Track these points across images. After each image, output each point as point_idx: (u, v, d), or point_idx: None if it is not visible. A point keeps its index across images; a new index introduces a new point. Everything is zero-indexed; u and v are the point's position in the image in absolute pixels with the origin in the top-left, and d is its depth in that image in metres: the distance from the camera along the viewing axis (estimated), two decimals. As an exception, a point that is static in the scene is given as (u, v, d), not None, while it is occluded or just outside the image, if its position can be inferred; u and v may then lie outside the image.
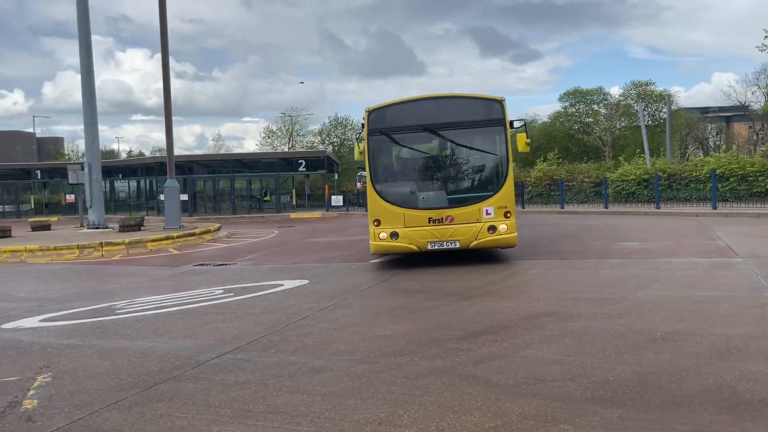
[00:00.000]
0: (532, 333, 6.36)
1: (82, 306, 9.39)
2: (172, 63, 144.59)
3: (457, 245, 10.90)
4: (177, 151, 39.58)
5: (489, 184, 11.22)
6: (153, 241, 18.55)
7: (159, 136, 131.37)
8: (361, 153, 11.51)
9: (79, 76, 14.39)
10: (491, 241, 10.90)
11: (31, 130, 67.64)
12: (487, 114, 11.13)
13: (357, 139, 12.32)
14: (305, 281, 10.65)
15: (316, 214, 35.48)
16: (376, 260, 12.68)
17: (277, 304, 8.75)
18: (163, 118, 23.46)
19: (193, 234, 20.66)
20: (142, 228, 22.52)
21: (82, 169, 23.20)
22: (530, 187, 31.93)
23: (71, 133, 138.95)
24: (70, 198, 42.91)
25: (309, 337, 6.69)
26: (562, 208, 27.39)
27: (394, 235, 11.03)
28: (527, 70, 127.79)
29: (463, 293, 8.72)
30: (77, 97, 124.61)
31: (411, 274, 10.77)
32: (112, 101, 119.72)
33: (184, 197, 34.85)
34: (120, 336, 7.30)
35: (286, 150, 61.62)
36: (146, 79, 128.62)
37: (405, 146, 11.58)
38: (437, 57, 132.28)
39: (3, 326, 8.31)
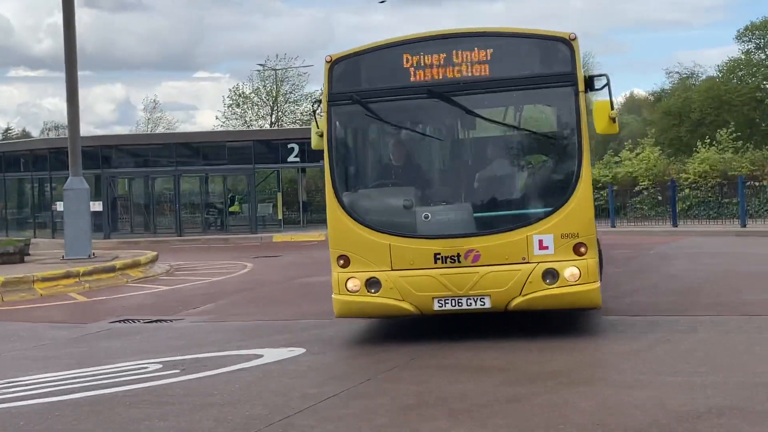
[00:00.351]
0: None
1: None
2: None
3: (487, 304, 10.15)
4: (86, 130, 40.15)
5: (544, 194, 10.61)
6: (45, 280, 18.79)
7: (55, 104, 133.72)
8: (320, 136, 10.77)
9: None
10: (549, 298, 10.11)
11: None
12: (544, 65, 10.57)
13: (314, 110, 11.57)
14: (299, 350, 10.68)
15: (316, 235, 35.53)
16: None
17: (253, 389, 8.73)
18: (62, 74, 23.80)
19: (112, 269, 20.84)
20: (26, 258, 22.83)
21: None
22: (687, 190, 31.45)
23: None
24: None
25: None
26: (743, 225, 27.11)
27: (372, 285, 10.31)
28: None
29: (558, 372, 8.64)
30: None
31: (469, 338, 10.69)
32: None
33: (97, 206, 35.26)
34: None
35: (268, 127, 61.94)
36: (33, 8, 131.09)
37: (393, 124, 11.15)
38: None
39: None
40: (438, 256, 10.10)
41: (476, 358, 9.65)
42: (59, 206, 32.83)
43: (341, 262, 10.44)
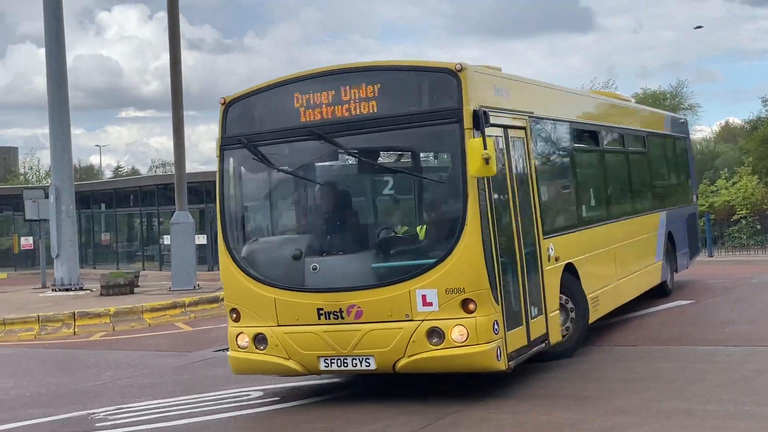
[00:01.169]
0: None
1: (46, 415, 9.75)
2: (184, 26, 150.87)
3: (372, 365, 9.00)
4: (191, 167, 40.79)
5: (428, 244, 9.42)
6: (153, 311, 19.18)
7: (162, 143, 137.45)
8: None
9: (42, 51, 15.15)
10: (436, 361, 8.83)
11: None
12: (430, 100, 9.29)
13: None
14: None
15: None
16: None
17: (350, 412, 8.80)
18: (168, 114, 24.28)
19: (216, 300, 20.96)
20: (135, 290, 23.30)
21: (46, 196, 24.38)
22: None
23: (29, 139, 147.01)
24: (27, 243, 44.85)
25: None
26: None
27: (259, 341, 9.44)
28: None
29: (653, 401, 8.40)
30: (39, 84, 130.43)
31: (578, 367, 10.51)
32: (90, 89, 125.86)
33: (202, 240, 35.69)
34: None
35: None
36: (142, 52, 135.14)
37: (281, 170, 10.00)
38: (613, 1, 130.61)
39: None
40: (321, 312, 9.06)
41: (571, 389, 9.49)
42: (166, 239, 33.56)
43: (233, 315, 9.68)
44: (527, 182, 10.16)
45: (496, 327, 8.69)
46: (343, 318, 8.94)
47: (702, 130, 67.11)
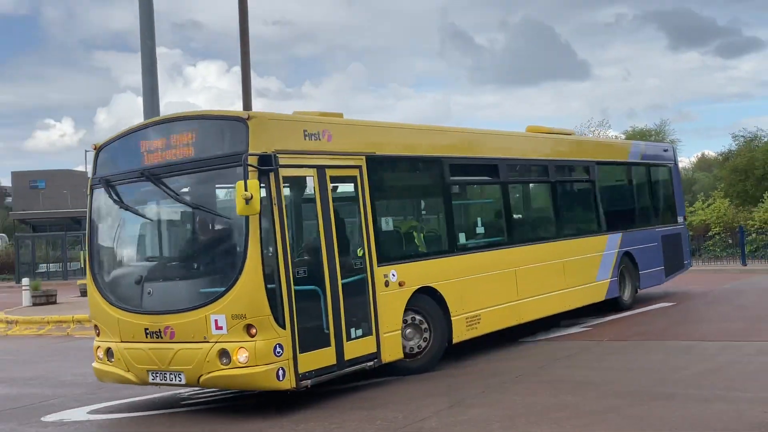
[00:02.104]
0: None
1: (141, 393, 10.00)
2: (254, 78, 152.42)
3: (183, 380, 8.78)
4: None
5: (220, 274, 9.00)
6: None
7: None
8: None
9: (140, 99, 15.41)
10: (225, 379, 8.57)
11: (82, 168, 72.78)
12: (227, 145, 8.92)
13: None
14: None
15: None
16: (529, 339, 12.47)
17: (388, 395, 8.89)
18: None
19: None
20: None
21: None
22: (754, 234, 30.27)
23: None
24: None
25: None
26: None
27: (109, 354, 9.35)
28: (742, 65, 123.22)
29: (644, 389, 8.41)
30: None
31: (580, 358, 10.51)
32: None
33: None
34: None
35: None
36: (220, 99, 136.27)
37: (125, 207, 9.72)
38: (606, 53, 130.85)
39: (44, 419, 9.08)
40: (147, 331, 8.94)
41: (573, 376, 9.53)
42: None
43: (96, 331, 9.66)
44: (358, 215, 9.79)
45: (278, 350, 8.32)
46: (161, 337, 8.82)
47: (681, 161, 67.38)
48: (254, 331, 8.30)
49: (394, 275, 9.98)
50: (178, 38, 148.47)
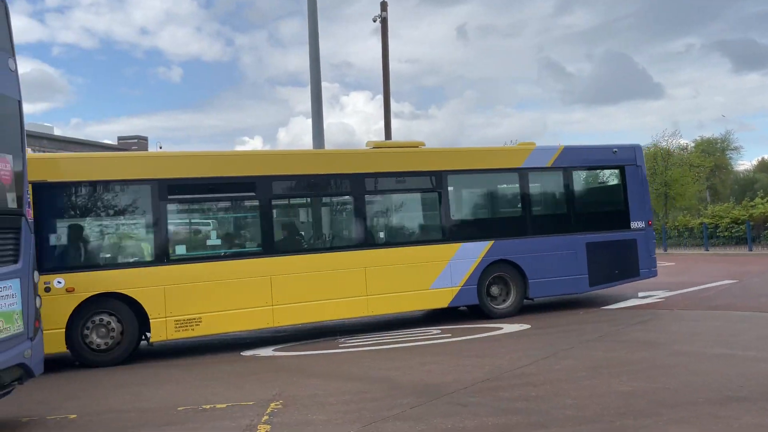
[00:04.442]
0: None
1: (309, 339, 10.24)
2: (392, 103, 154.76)
3: None
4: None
5: None
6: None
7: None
8: None
9: (309, 121, 16.04)
10: None
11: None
12: None
13: None
14: (526, 326, 10.43)
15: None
16: (610, 306, 11.93)
17: (496, 348, 8.69)
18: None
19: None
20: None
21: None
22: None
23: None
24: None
25: (532, 388, 6.47)
26: None
27: None
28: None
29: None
30: (307, 140, 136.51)
31: (653, 323, 9.92)
32: (336, 143, 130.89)
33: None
34: (344, 369, 7.84)
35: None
36: (367, 120, 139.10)
37: None
38: (678, 77, 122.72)
39: (242, 353, 9.47)
40: None
41: (661, 335, 8.97)
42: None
43: None
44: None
45: None
46: None
47: (744, 164, 62.49)
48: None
49: (60, 282, 8.93)
50: (336, 75, 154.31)
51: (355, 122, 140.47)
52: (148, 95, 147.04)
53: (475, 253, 11.39)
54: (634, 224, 12.78)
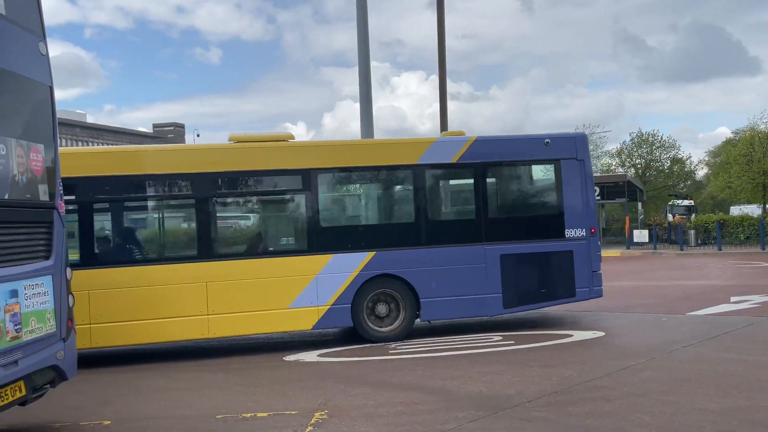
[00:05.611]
0: None
1: (354, 343, 10.33)
2: (448, 83, 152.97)
3: None
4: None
5: None
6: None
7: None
8: None
9: (356, 105, 16.08)
10: None
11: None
12: None
13: None
14: (600, 333, 10.22)
15: (614, 252, 33.84)
16: (697, 312, 11.57)
17: (564, 358, 8.57)
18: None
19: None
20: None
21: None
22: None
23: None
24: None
25: (605, 403, 6.34)
26: None
27: None
28: None
29: None
30: (354, 126, 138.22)
31: (746, 332, 9.57)
32: (386, 129, 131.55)
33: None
34: (396, 378, 7.88)
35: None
36: (420, 103, 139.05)
37: None
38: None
39: (285, 358, 9.63)
40: None
41: (737, 347, 8.66)
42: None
43: None
44: None
45: None
46: None
47: None
48: None
49: None
50: (386, 54, 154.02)
51: (407, 106, 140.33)
52: (185, 78, 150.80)
53: (350, 266, 10.37)
54: (570, 232, 11.00)
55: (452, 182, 11.60)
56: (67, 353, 6.40)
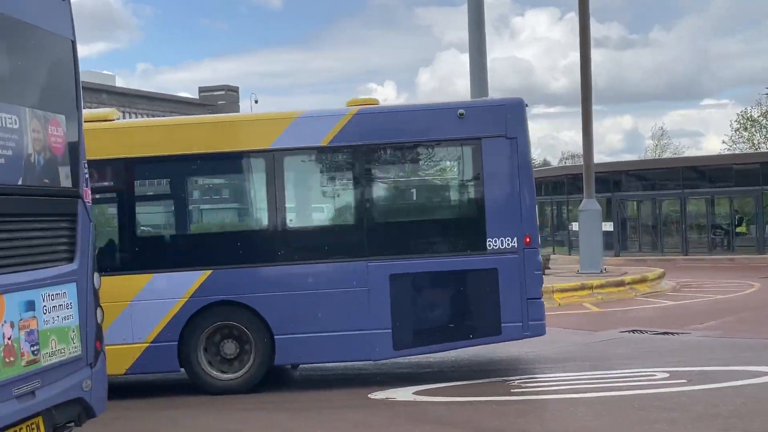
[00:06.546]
0: None
1: (467, 378, 10.30)
2: (592, 25, 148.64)
3: None
4: (597, 158, 40.99)
5: None
6: (561, 291, 19.51)
7: (570, 136, 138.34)
8: None
9: (465, 56, 15.90)
10: None
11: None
12: None
13: None
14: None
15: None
16: None
17: (759, 404, 8.28)
18: (576, 109, 24.41)
19: (621, 283, 21.04)
20: (546, 272, 23.72)
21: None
22: None
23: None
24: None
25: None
26: None
27: None
28: None
29: None
30: (460, 85, 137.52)
31: None
32: (505, 88, 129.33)
33: (608, 227, 35.76)
34: (519, 426, 7.82)
35: (771, 150, 58.21)
36: (551, 52, 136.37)
37: None
38: None
39: (371, 395, 9.64)
40: None
41: None
42: (574, 226, 34.31)
43: None
44: None
45: None
46: None
47: None
48: None
49: None
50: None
51: (533, 56, 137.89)
52: (238, 29, 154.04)
53: (176, 289, 9.89)
54: (493, 242, 10.01)
55: (322, 174, 10.95)
56: (95, 383, 6.45)
